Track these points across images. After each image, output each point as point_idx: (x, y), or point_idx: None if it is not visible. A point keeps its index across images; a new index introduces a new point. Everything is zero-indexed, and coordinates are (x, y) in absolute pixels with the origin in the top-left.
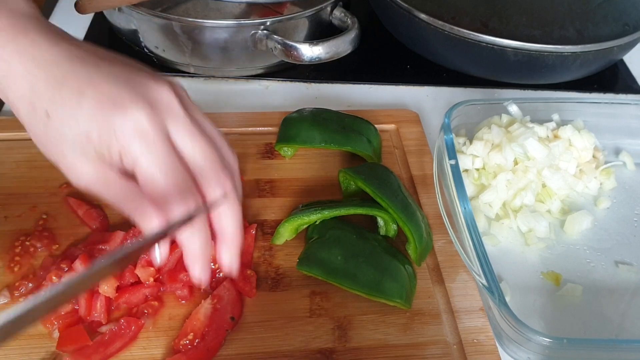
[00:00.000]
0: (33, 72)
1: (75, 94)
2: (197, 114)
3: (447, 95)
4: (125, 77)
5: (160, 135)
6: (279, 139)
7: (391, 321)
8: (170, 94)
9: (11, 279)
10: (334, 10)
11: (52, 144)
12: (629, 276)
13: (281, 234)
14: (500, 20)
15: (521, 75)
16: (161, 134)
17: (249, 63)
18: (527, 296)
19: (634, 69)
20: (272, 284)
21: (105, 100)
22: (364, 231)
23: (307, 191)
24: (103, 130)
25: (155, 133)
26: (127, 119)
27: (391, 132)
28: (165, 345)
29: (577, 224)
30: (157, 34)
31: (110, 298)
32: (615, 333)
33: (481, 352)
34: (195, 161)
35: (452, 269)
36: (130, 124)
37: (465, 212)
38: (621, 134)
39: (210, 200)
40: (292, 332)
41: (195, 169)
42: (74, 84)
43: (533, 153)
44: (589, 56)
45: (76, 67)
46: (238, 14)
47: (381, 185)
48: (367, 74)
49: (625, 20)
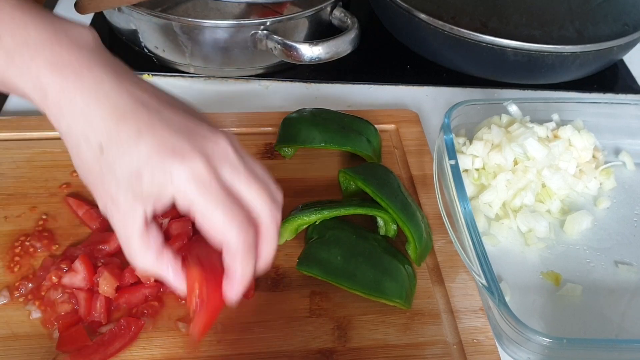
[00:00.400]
0: (92, 108)
1: (133, 134)
2: (249, 162)
3: (447, 95)
4: (184, 127)
5: (217, 180)
6: (278, 139)
7: (391, 321)
8: (226, 145)
9: (11, 279)
10: (333, 10)
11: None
12: (628, 276)
13: (281, 234)
14: (500, 20)
15: (521, 75)
16: (218, 179)
17: (248, 63)
18: (527, 296)
19: (634, 69)
20: (271, 284)
21: (164, 146)
22: (364, 231)
23: (307, 191)
24: (157, 172)
25: (212, 178)
26: (185, 165)
27: (391, 132)
28: (165, 345)
29: (576, 224)
30: (157, 34)
31: (110, 298)
32: (615, 333)
33: (481, 352)
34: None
35: (452, 269)
36: (188, 171)
37: (465, 212)
38: (621, 134)
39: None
40: (291, 332)
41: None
42: (133, 124)
43: (533, 153)
44: (588, 56)
45: (137, 109)
46: (238, 14)
47: (381, 185)
48: (367, 74)
49: (625, 20)
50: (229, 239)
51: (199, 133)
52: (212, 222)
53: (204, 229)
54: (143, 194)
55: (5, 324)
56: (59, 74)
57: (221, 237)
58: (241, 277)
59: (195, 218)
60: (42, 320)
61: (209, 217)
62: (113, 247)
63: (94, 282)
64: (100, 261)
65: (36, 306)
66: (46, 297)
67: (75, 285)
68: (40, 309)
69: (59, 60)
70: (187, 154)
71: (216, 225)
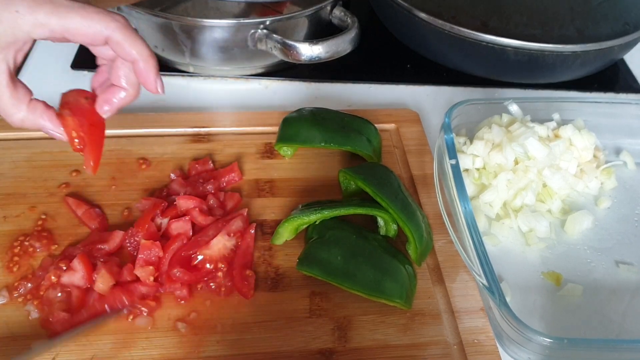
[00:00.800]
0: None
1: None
2: None
3: (448, 94)
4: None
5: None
6: (278, 138)
7: (391, 321)
8: None
9: (10, 280)
10: (333, 10)
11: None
12: (629, 276)
13: (281, 234)
14: (501, 20)
15: (521, 75)
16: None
17: (248, 62)
18: (528, 296)
19: (635, 69)
20: (271, 284)
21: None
22: (364, 231)
23: (307, 191)
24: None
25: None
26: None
27: (391, 132)
28: (165, 345)
29: (577, 224)
30: (157, 34)
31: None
32: (616, 333)
33: (481, 352)
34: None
35: (452, 269)
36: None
37: (466, 211)
38: (622, 134)
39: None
40: (291, 332)
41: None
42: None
43: (533, 153)
44: (589, 55)
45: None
46: (237, 13)
47: (381, 185)
48: (367, 74)
49: (625, 19)
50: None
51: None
52: (77, 28)
53: (78, 40)
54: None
55: (5, 324)
56: None
57: (95, 35)
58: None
59: (64, 35)
60: (41, 320)
61: (70, 26)
62: (112, 246)
63: (92, 281)
64: (100, 260)
65: (35, 306)
66: (45, 296)
67: (75, 284)
68: (38, 308)
69: None
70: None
71: (82, 28)
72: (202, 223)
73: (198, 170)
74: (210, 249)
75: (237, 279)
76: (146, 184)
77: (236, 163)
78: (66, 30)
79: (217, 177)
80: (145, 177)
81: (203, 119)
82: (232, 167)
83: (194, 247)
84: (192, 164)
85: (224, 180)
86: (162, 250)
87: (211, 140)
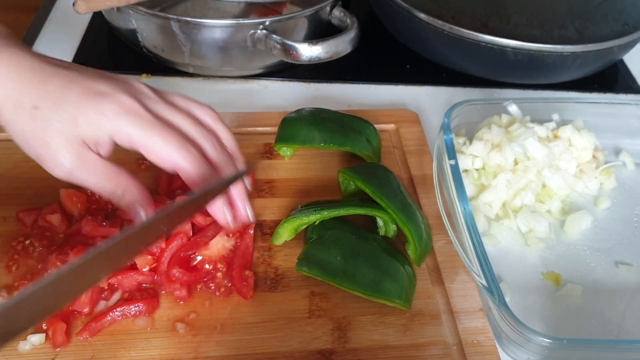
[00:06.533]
0: (18, 75)
1: (60, 88)
2: (167, 93)
3: (447, 95)
4: (102, 76)
5: (145, 108)
6: (278, 139)
7: (391, 322)
8: (142, 85)
9: (10, 280)
10: (333, 10)
11: (37, 135)
12: (629, 276)
13: (280, 235)
14: (500, 20)
15: (521, 75)
16: (146, 108)
17: (248, 63)
18: (527, 297)
19: (634, 69)
20: (271, 285)
21: (90, 91)
22: (364, 231)
23: (307, 191)
24: (91, 114)
25: (140, 108)
26: (113, 101)
27: (391, 132)
28: (164, 346)
29: (577, 224)
30: (156, 34)
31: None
32: (615, 333)
33: (481, 352)
34: (178, 123)
35: (451, 270)
36: (118, 104)
37: (465, 212)
38: (621, 134)
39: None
40: (291, 332)
41: (181, 128)
42: (58, 81)
43: (533, 153)
44: (589, 56)
45: (58, 70)
46: (237, 14)
47: (381, 185)
48: (366, 74)
49: (625, 19)
50: (176, 160)
51: (117, 79)
52: (154, 148)
53: (152, 159)
54: (81, 142)
55: None
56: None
57: (169, 161)
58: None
59: (140, 150)
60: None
61: (149, 144)
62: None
63: None
64: None
65: None
66: None
67: None
68: None
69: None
70: (113, 93)
71: (159, 151)
72: (202, 223)
73: None
74: (210, 249)
75: (236, 279)
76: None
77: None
78: (144, 146)
79: None
80: (145, 177)
81: None
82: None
83: (193, 247)
84: None
85: None
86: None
87: None
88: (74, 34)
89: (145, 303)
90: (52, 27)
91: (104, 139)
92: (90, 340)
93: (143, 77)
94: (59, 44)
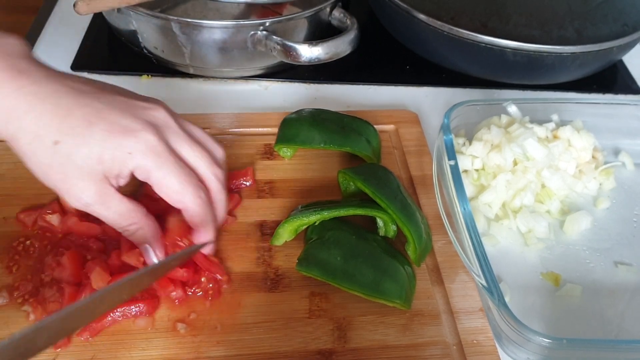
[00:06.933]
0: (37, 107)
1: (84, 123)
2: (186, 124)
3: (447, 95)
4: (124, 104)
5: (167, 149)
6: (278, 139)
7: (390, 322)
8: (165, 113)
9: (10, 280)
10: (333, 11)
11: (56, 169)
12: (628, 276)
13: (280, 235)
14: (500, 21)
15: (520, 76)
16: (167, 147)
17: (248, 64)
18: (527, 297)
19: (633, 70)
20: (271, 285)
21: (115, 128)
22: (364, 232)
23: (307, 192)
24: (117, 153)
25: (164, 148)
26: (140, 140)
27: (390, 133)
28: (164, 346)
29: (576, 225)
30: (156, 35)
31: None
32: (615, 333)
33: (481, 352)
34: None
35: (451, 270)
36: (144, 144)
37: (465, 212)
38: (620, 134)
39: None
40: (291, 333)
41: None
42: (79, 113)
43: (532, 153)
44: (588, 56)
45: (78, 99)
46: (237, 15)
47: (380, 185)
48: (366, 75)
49: (624, 20)
50: (186, 202)
51: (138, 106)
52: (170, 189)
53: (162, 195)
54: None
55: (5, 325)
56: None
57: (179, 201)
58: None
59: (153, 186)
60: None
61: (166, 184)
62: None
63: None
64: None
65: (29, 304)
66: (40, 294)
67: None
68: (32, 307)
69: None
70: (138, 130)
71: (173, 191)
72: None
73: None
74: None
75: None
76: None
77: (250, 168)
78: (159, 185)
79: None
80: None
81: (203, 120)
82: (246, 171)
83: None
84: None
85: (235, 183)
86: None
87: None
88: (74, 35)
89: (145, 303)
90: (52, 28)
91: (126, 174)
92: (91, 340)
93: (143, 78)
94: (59, 45)
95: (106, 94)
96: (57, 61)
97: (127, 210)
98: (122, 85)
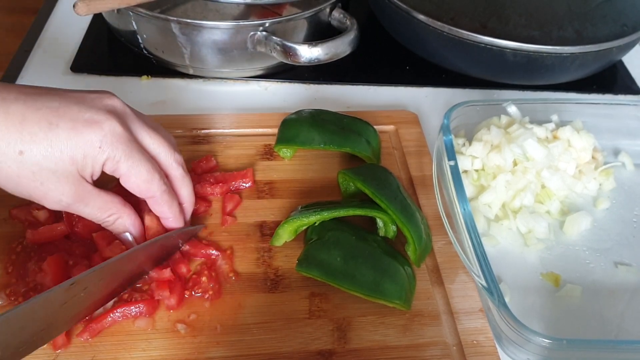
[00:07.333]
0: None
1: (44, 126)
2: (139, 113)
3: (446, 96)
4: (78, 98)
5: (132, 137)
6: (278, 140)
7: (390, 322)
8: (119, 101)
9: (7, 281)
10: (332, 12)
11: (29, 178)
12: (628, 277)
13: (280, 236)
14: (499, 21)
15: (520, 76)
16: (132, 135)
17: (247, 64)
18: (527, 297)
19: (633, 70)
20: (271, 285)
21: (79, 124)
22: (363, 232)
23: (307, 192)
24: (88, 150)
25: (129, 136)
26: (106, 132)
27: (390, 133)
28: (164, 346)
29: (576, 225)
30: (156, 35)
31: None
32: (615, 334)
33: (481, 353)
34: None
35: (451, 270)
36: (110, 134)
37: (465, 213)
38: (620, 135)
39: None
40: (291, 333)
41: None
42: (35, 117)
43: (532, 154)
44: (588, 57)
45: (29, 103)
46: (237, 15)
47: (380, 186)
48: (366, 75)
49: (624, 21)
50: (154, 190)
51: (92, 97)
52: (139, 178)
53: (130, 185)
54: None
55: None
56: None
57: (147, 190)
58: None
59: (121, 177)
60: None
61: (135, 174)
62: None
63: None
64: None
65: None
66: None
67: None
68: None
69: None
70: (102, 121)
71: (142, 180)
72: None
73: (203, 168)
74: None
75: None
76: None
77: (250, 170)
78: (127, 173)
79: (227, 180)
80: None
81: (202, 121)
82: (246, 172)
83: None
84: (196, 163)
85: (234, 184)
86: None
87: (210, 142)
88: (74, 35)
89: (145, 304)
90: (52, 28)
91: (98, 169)
92: (91, 341)
93: (143, 79)
94: (59, 45)
95: (56, 93)
96: (57, 62)
97: (105, 202)
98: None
